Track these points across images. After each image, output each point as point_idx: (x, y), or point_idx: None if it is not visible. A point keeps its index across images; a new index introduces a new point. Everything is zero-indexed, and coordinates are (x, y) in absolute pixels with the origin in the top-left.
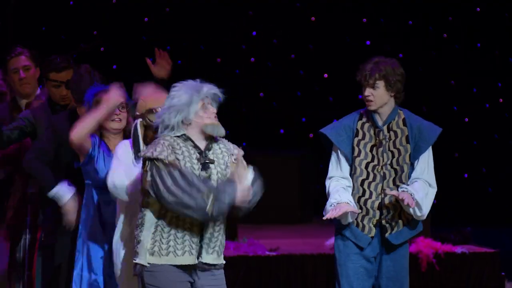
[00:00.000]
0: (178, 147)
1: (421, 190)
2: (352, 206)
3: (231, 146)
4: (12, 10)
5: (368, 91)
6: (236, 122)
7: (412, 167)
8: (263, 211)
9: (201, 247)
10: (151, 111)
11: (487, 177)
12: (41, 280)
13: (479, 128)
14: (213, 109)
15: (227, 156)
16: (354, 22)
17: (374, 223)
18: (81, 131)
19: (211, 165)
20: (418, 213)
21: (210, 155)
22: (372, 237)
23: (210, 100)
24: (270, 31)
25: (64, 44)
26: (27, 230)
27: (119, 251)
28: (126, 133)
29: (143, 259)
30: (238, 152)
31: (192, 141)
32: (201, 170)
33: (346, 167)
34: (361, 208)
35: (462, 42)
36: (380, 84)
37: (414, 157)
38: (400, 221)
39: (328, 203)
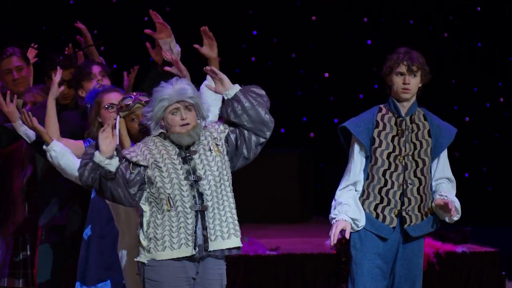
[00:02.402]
0: (156, 151)
1: (453, 194)
2: (349, 223)
3: (214, 127)
4: (11, 9)
5: (408, 79)
6: None
7: (432, 162)
8: (263, 210)
9: (201, 235)
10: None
11: (488, 176)
12: (43, 279)
13: (479, 127)
14: (182, 115)
15: (211, 141)
16: (355, 21)
17: (396, 214)
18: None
19: (194, 156)
20: (457, 218)
21: (195, 146)
22: (394, 228)
23: (182, 104)
24: (270, 30)
25: (64, 44)
26: (27, 227)
27: (123, 256)
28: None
29: (143, 257)
30: (217, 127)
31: (170, 139)
32: (183, 164)
33: (362, 165)
34: (382, 199)
35: (462, 41)
36: (419, 73)
37: (435, 152)
38: (419, 214)
39: (331, 214)
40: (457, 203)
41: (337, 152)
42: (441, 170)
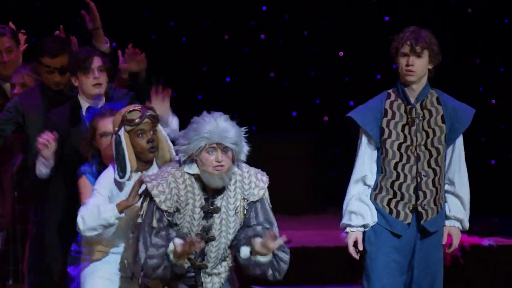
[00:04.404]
0: (183, 193)
1: (462, 211)
2: (360, 232)
3: (252, 183)
4: (11, 9)
5: (412, 60)
6: (244, 104)
7: (447, 148)
8: (274, 201)
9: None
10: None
11: None
12: (31, 274)
13: (506, 110)
14: (217, 157)
15: (239, 201)
16: None
17: (410, 209)
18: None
19: (214, 215)
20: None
21: (218, 200)
22: (409, 224)
23: (220, 146)
24: (281, 5)
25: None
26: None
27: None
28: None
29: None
30: (254, 185)
31: (202, 183)
32: (203, 219)
33: (373, 157)
34: (395, 194)
35: (487, 18)
36: (425, 53)
37: (450, 139)
38: (435, 207)
39: (342, 221)
40: (464, 223)
41: (353, 137)
42: (457, 159)
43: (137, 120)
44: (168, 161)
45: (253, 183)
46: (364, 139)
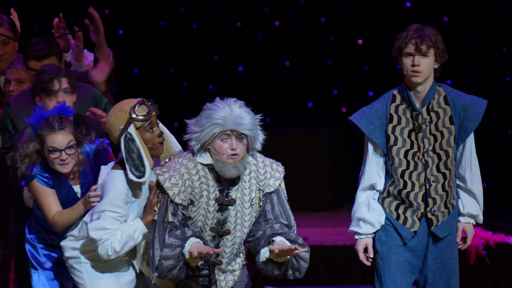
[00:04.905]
0: (197, 184)
1: (475, 207)
2: (370, 239)
3: (268, 173)
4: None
5: (417, 60)
6: (257, 95)
7: (457, 150)
8: (290, 197)
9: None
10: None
11: None
12: (16, 282)
13: None
14: (231, 144)
15: (254, 192)
16: None
17: (419, 216)
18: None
19: (229, 207)
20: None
21: (233, 191)
22: (415, 232)
23: (234, 133)
24: None
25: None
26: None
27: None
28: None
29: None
30: (269, 175)
31: (216, 173)
32: (217, 212)
33: (380, 163)
34: (403, 201)
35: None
36: (431, 52)
37: (460, 138)
38: (446, 211)
39: (353, 227)
40: (478, 218)
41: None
42: (468, 155)
43: (147, 115)
44: (171, 154)
45: (268, 174)
46: (370, 147)
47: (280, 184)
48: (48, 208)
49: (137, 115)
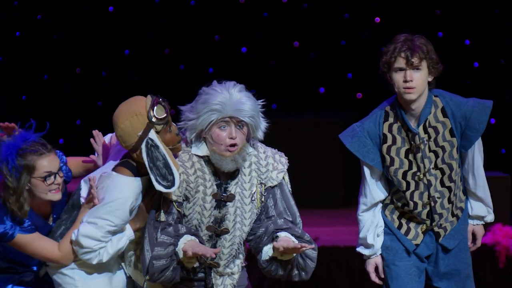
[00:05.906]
0: (192, 178)
1: (483, 209)
2: (379, 257)
3: (270, 165)
4: None
5: (410, 75)
6: (263, 79)
7: (461, 159)
8: (299, 192)
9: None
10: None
11: None
12: None
13: None
14: (230, 132)
15: (255, 186)
16: None
17: (423, 230)
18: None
19: (228, 203)
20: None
21: (232, 186)
22: (418, 245)
23: (233, 120)
24: None
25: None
26: None
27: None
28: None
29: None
30: (272, 167)
31: (213, 166)
32: (215, 209)
33: (380, 182)
34: (405, 213)
35: None
36: (424, 65)
37: (464, 147)
38: (454, 218)
39: (360, 248)
40: (488, 217)
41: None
42: (470, 162)
43: (167, 116)
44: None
45: (270, 165)
46: (366, 169)
47: (283, 177)
48: (47, 250)
49: (157, 118)
